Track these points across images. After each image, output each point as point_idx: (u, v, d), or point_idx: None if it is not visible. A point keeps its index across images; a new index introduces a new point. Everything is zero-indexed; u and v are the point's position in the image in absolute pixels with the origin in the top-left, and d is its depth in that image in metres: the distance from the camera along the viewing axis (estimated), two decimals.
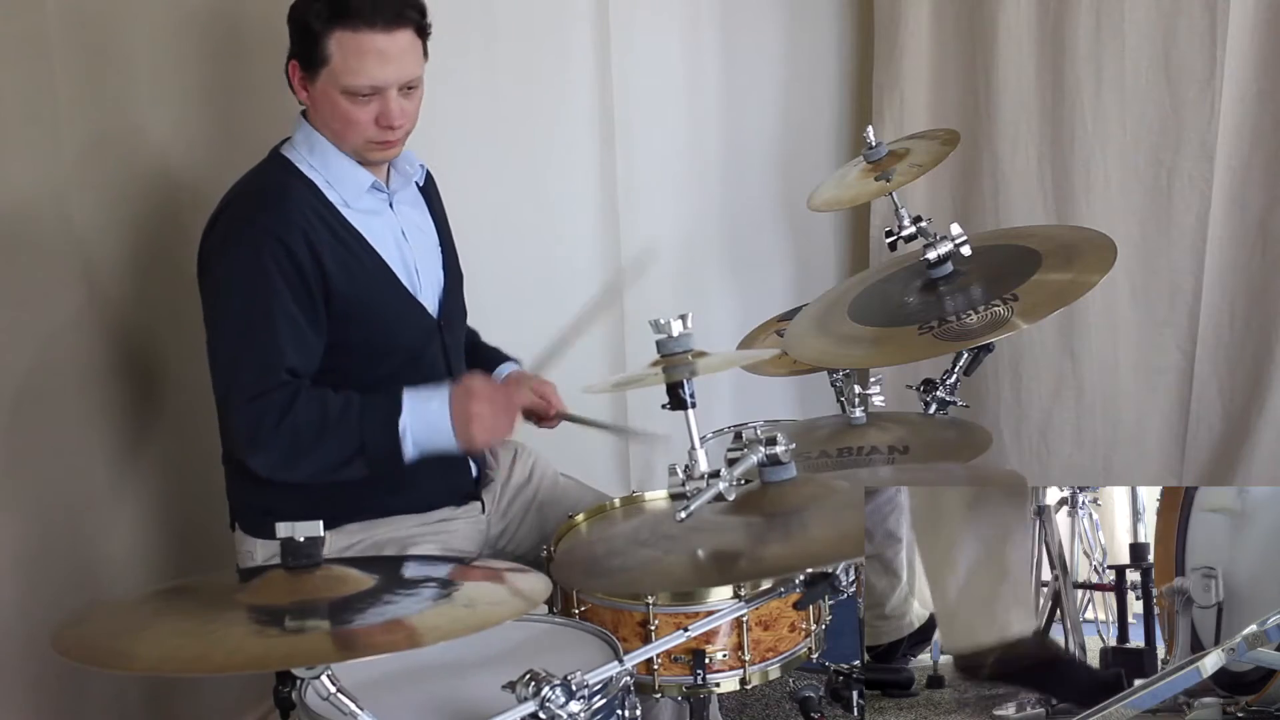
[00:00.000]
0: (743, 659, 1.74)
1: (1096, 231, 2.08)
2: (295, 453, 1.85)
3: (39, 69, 2.01)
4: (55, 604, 2.03)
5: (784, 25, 3.42)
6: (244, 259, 1.87)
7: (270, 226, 1.87)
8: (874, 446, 2.02)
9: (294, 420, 1.83)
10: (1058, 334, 3.10)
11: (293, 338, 1.87)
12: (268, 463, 1.87)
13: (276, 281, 1.86)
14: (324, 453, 1.85)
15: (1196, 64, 2.85)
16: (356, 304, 1.94)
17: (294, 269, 1.87)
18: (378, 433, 1.85)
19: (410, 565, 1.68)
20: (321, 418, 1.85)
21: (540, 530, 2.15)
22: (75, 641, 1.27)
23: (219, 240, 1.92)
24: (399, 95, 1.91)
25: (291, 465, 1.86)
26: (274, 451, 1.85)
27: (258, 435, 1.84)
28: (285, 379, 1.86)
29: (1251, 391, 2.98)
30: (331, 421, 1.85)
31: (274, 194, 1.93)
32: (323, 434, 1.85)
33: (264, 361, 1.85)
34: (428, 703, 1.51)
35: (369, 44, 1.87)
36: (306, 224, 1.90)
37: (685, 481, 1.51)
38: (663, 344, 1.55)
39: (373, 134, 1.93)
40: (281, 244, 1.86)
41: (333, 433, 1.85)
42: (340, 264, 1.92)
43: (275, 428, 1.83)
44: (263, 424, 1.83)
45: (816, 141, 3.47)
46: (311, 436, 1.85)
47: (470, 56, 2.85)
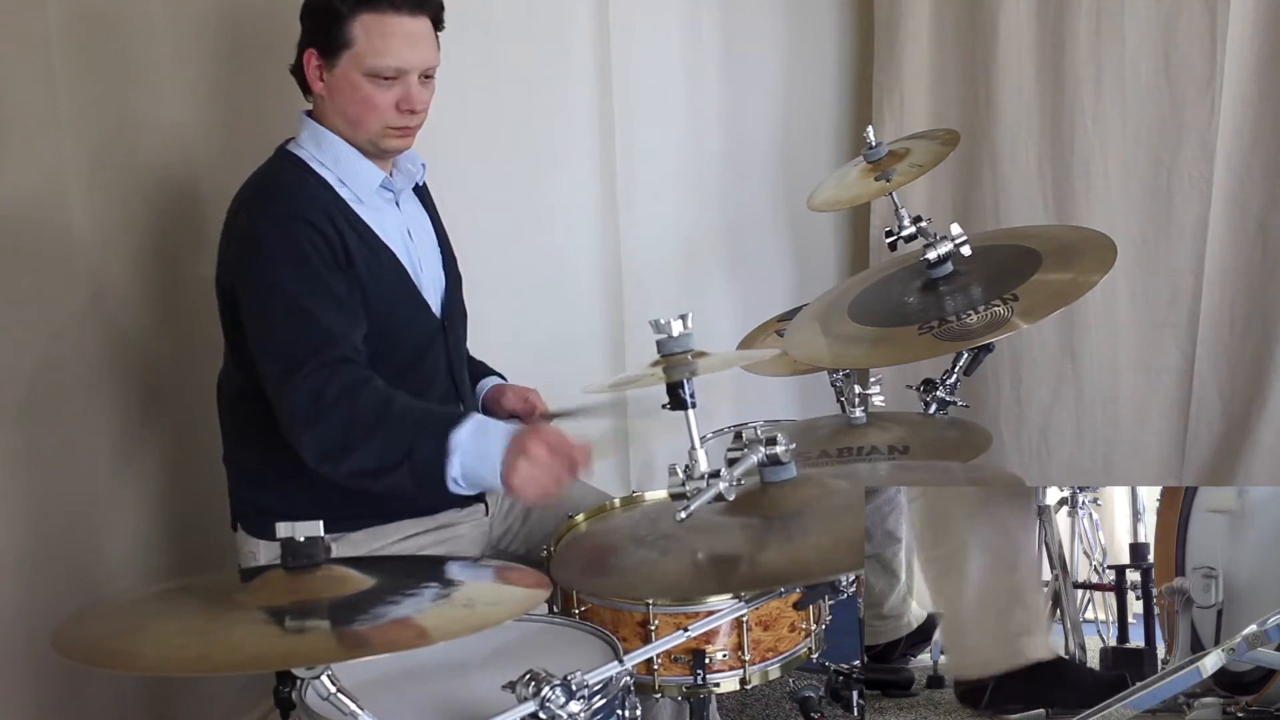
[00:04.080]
0: (743, 659, 1.73)
1: (1096, 231, 2.08)
2: (350, 435, 1.75)
3: (40, 69, 2.02)
4: (55, 604, 2.03)
5: (784, 25, 3.43)
6: (281, 246, 1.84)
7: (297, 211, 1.86)
8: (874, 446, 2.02)
9: (355, 401, 1.76)
10: (1058, 334, 3.10)
11: (341, 315, 1.84)
12: (322, 440, 1.77)
13: (314, 262, 1.84)
14: (374, 446, 1.75)
15: (1196, 64, 2.86)
16: (374, 298, 1.92)
17: (329, 250, 1.86)
18: (429, 439, 1.74)
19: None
20: (384, 405, 1.77)
21: (541, 530, 2.15)
22: (75, 641, 1.26)
23: (247, 234, 1.88)
24: (418, 82, 1.92)
25: (343, 451, 1.76)
26: (331, 429, 1.76)
27: (318, 406, 1.75)
28: (349, 354, 1.81)
29: (1251, 391, 2.98)
30: (392, 414, 1.77)
31: (294, 187, 1.92)
32: (380, 423, 1.75)
33: (325, 334, 1.80)
34: (428, 703, 1.51)
35: (395, 26, 1.88)
36: (329, 215, 1.90)
37: (685, 481, 1.50)
38: (663, 344, 1.55)
39: (393, 119, 1.93)
40: (312, 226, 1.85)
41: (389, 426, 1.76)
42: (362, 259, 1.91)
43: (336, 402, 1.75)
44: (323, 396, 1.75)
45: (816, 141, 3.47)
46: (370, 422, 1.75)
47: (470, 56, 2.85)
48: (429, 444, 1.73)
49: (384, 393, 1.79)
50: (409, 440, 1.74)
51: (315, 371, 1.77)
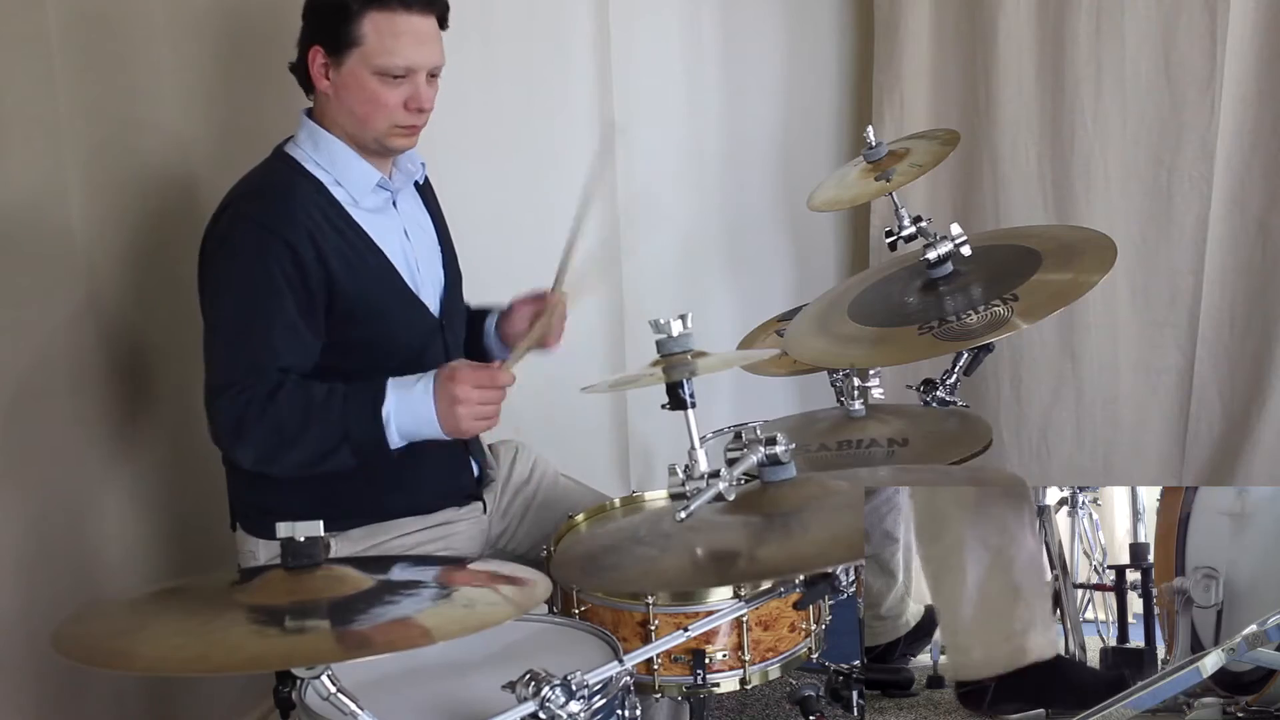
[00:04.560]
0: (743, 659, 1.74)
1: (1096, 231, 2.08)
2: (280, 443, 1.83)
3: (39, 69, 2.01)
4: (55, 604, 2.03)
5: (784, 25, 3.43)
6: (247, 258, 1.86)
7: (275, 226, 1.87)
8: (873, 439, 2.02)
9: (277, 410, 1.82)
10: (1058, 334, 3.10)
11: (288, 339, 1.87)
12: (253, 455, 1.85)
13: (278, 282, 1.85)
14: (308, 442, 1.83)
15: (1196, 64, 2.86)
16: (361, 303, 1.93)
17: (297, 270, 1.86)
18: (361, 420, 1.83)
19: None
20: (305, 406, 1.83)
21: (540, 530, 2.15)
22: (75, 641, 1.26)
23: (221, 238, 1.91)
24: (425, 81, 1.93)
25: (276, 456, 1.84)
26: (258, 442, 1.84)
27: (241, 426, 1.83)
28: (275, 377, 1.85)
29: (1251, 391, 2.98)
30: (315, 410, 1.83)
31: (280, 193, 1.92)
32: (307, 423, 1.83)
33: (256, 360, 1.84)
34: (428, 703, 1.51)
35: (404, 25, 1.89)
36: (312, 224, 1.89)
37: (685, 481, 1.51)
38: (663, 344, 1.55)
39: (400, 117, 1.93)
40: (286, 245, 1.86)
41: (316, 421, 1.83)
42: (345, 263, 1.91)
43: (259, 418, 1.82)
44: (246, 415, 1.82)
45: (816, 141, 3.47)
46: (296, 426, 1.83)
47: (470, 56, 2.85)
48: (361, 424, 1.83)
49: (301, 390, 1.85)
50: (340, 428, 1.83)
51: (237, 396, 1.83)
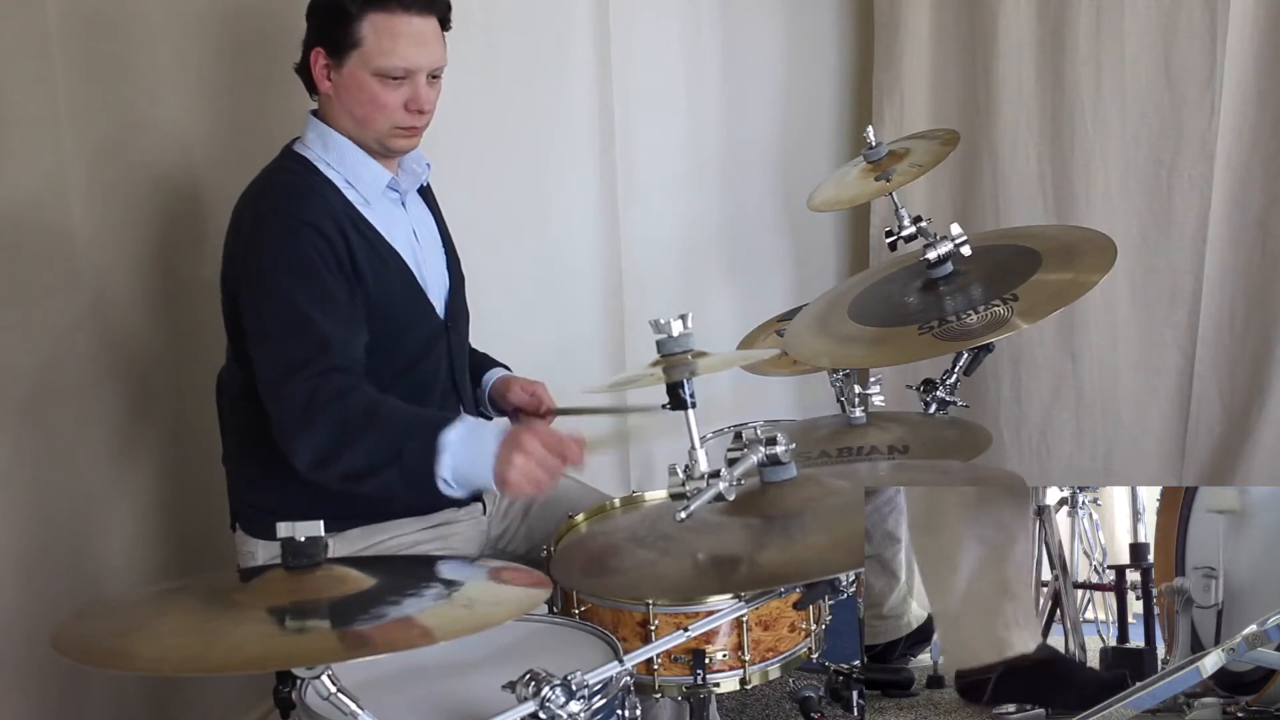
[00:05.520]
0: (743, 659, 1.74)
1: (1096, 231, 2.08)
2: (342, 439, 1.76)
3: (40, 70, 2.02)
4: (55, 604, 2.03)
5: (784, 25, 3.43)
6: (285, 249, 1.84)
7: (305, 216, 1.86)
8: (874, 446, 2.02)
9: (345, 405, 1.77)
10: (1058, 334, 3.10)
11: (341, 320, 1.84)
12: (314, 445, 1.77)
13: (318, 267, 1.84)
14: (364, 446, 1.76)
15: (1196, 64, 2.86)
16: (378, 303, 1.92)
17: (333, 256, 1.86)
18: (418, 440, 1.74)
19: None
20: (373, 409, 1.78)
21: (540, 530, 2.15)
22: (75, 641, 1.26)
23: (251, 239, 1.88)
24: (425, 82, 1.92)
25: (335, 454, 1.77)
26: (323, 432, 1.76)
27: (309, 412, 1.76)
28: (343, 363, 1.81)
29: (1251, 391, 2.98)
30: (381, 416, 1.78)
31: (301, 189, 1.91)
32: (370, 425, 1.76)
33: (321, 340, 1.80)
34: (428, 703, 1.51)
35: (404, 26, 1.88)
36: (335, 219, 1.89)
37: (685, 481, 1.50)
38: (663, 344, 1.55)
39: (400, 119, 1.93)
40: (319, 233, 1.85)
41: (379, 427, 1.76)
42: (367, 262, 1.91)
43: (326, 406, 1.76)
44: (315, 400, 1.76)
45: (816, 141, 3.48)
46: (359, 425, 1.76)
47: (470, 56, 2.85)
48: (418, 445, 1.73)
49: (373, 396, 1.80)
50: (398, 441, 1.74)
51: (309, 379, 1.77)
